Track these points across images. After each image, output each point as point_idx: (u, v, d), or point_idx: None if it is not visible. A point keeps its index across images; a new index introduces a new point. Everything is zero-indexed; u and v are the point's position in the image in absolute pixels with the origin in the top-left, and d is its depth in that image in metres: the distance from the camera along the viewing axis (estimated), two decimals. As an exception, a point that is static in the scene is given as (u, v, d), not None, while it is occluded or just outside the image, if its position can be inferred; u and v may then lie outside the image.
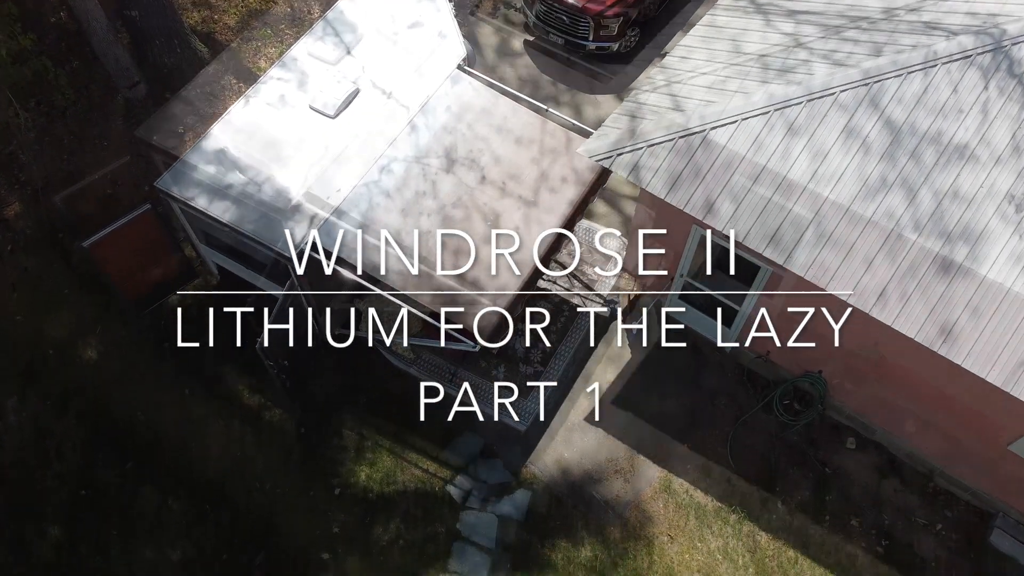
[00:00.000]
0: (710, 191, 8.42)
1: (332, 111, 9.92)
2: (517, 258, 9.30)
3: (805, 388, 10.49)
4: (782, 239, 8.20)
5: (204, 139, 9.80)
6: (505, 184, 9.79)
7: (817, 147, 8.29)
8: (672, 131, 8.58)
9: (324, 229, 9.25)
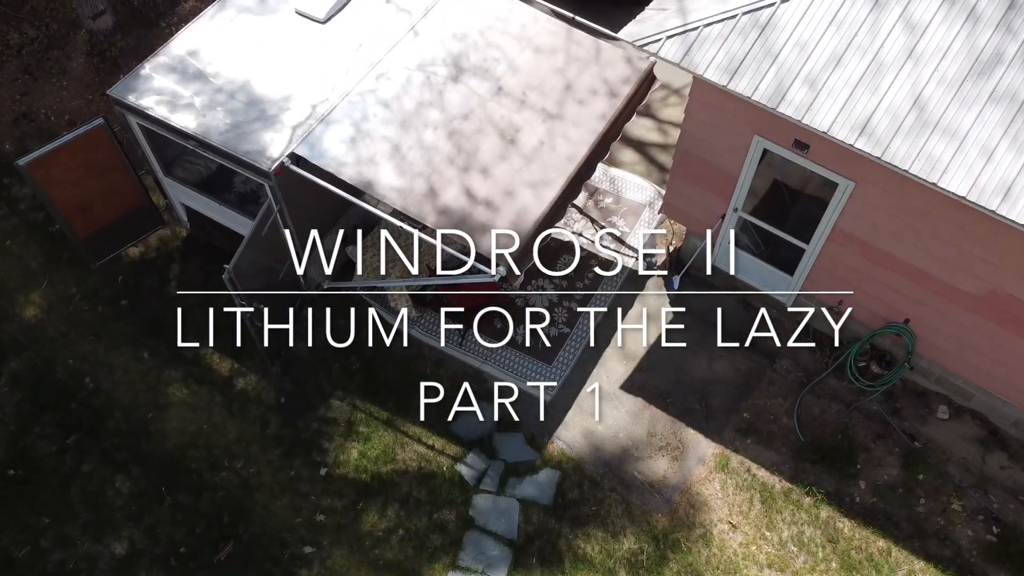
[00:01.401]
0: (782, 77, 6.82)
1: (322, 15, 8.40)
2: (540, 177, 7.67)
3: (884, 348, 8.74)
4: (876, 129, 6.56)
5: (168, 45, 8.27)
6: (525, 95, 8.20)
7: (913, 20, 6.70)
8: (733, 7, 7.02)
9: (308, 141, 7.64)
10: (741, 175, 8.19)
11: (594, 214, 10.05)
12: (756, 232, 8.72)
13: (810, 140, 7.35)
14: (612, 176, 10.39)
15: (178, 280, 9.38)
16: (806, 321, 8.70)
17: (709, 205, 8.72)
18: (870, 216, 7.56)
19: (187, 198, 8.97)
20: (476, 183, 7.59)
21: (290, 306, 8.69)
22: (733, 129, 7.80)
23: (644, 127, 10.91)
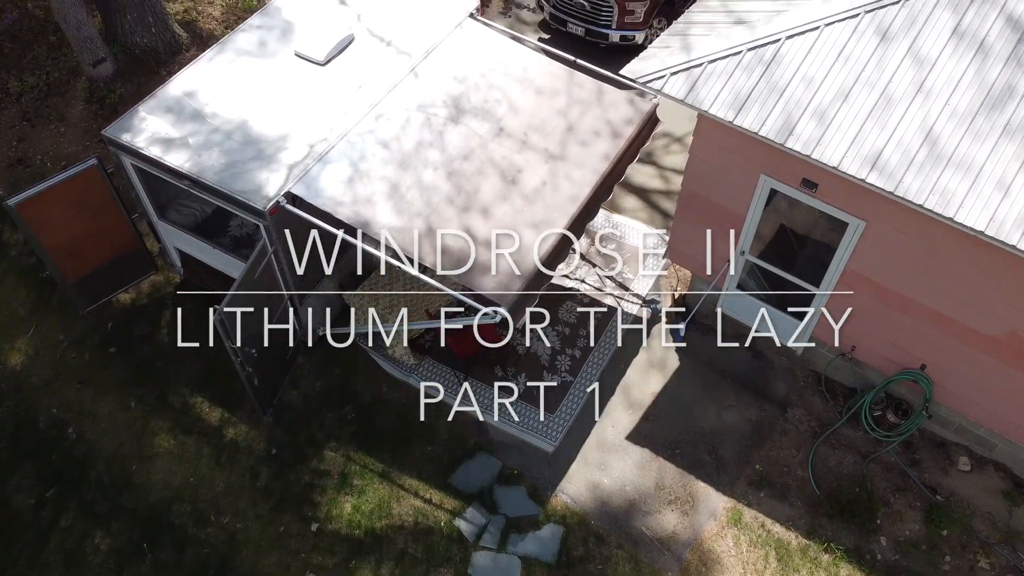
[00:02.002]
0: (789, 111, 6.67)
1: (322, 57, 8.33)
2: (542, 217, 7.47)
3: (900, 395, 8.40)
4: (887, 163, 6.38)
5: (165, 86, 8.17)
6: (526, 136, 8.07)
7: (921, 54, 6.59)
8: (737, 43, 6.92)
9: (304, 180, 7.46)
10: (748, 216, 7.99)
11: (597, 260, 9.83)
12: (764, 276, 8.48)
13: (819, 178, 7.17)
14: (615, 222, 10.20)
15: (170, 327, 9.09)
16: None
17: (715, 248, 8.49)
18: (883, 256, 7.33)
19: (181, 242, 8.76)
20: (476, 223, 7.38)
21: (283, 352, 8.38)
22: (739, 169, 7.63)
23: (646, 174, 10.78)
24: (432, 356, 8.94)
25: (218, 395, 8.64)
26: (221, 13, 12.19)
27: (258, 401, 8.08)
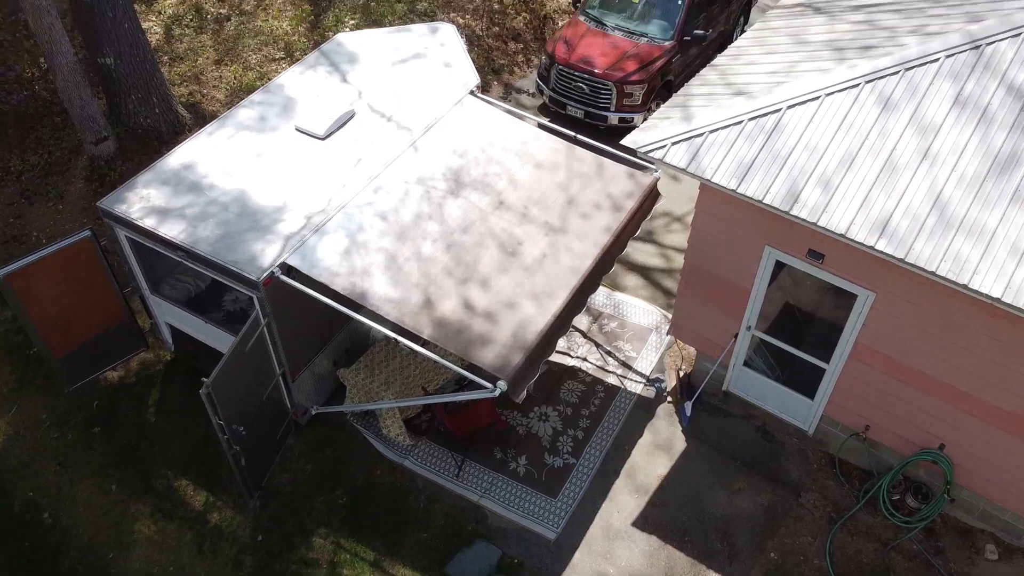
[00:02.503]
0: (793, 179, 6.57)
1: (322, 131, 8.32)
2: (543, 289, 7.28)
3: (919, 478, 8.00)
4: (896, 230, 6.22)
5: (164, 159, 8.13)
6: (527, 209, 7.96)
7: (924, 121, 6.54)
8: (738, 113, 6.89)
9: (300, 251, 7.30)
10: (753, 290, 7.80)
11: (599, 339, 9.59)
12: (772, 352, 8.22)
13: (825, 248, 7.01)
14: (616, 300, 10.01)
15: (157, 407, 8.77)
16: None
17: (720, 324, 8.27)
18: (894, 329, 7.09)
19: (173, 317, 8.54)
20: (475, 295, 7.18)
21: (273, 432, 8.04)
22: (743, 240, 7.48)
23: (647, 252, 10.66)
24: (429, 437, 8.58)
25: (204, 478, 8.25)
26: (225, 96, 12.35)
27: (245, 483, 7.68)
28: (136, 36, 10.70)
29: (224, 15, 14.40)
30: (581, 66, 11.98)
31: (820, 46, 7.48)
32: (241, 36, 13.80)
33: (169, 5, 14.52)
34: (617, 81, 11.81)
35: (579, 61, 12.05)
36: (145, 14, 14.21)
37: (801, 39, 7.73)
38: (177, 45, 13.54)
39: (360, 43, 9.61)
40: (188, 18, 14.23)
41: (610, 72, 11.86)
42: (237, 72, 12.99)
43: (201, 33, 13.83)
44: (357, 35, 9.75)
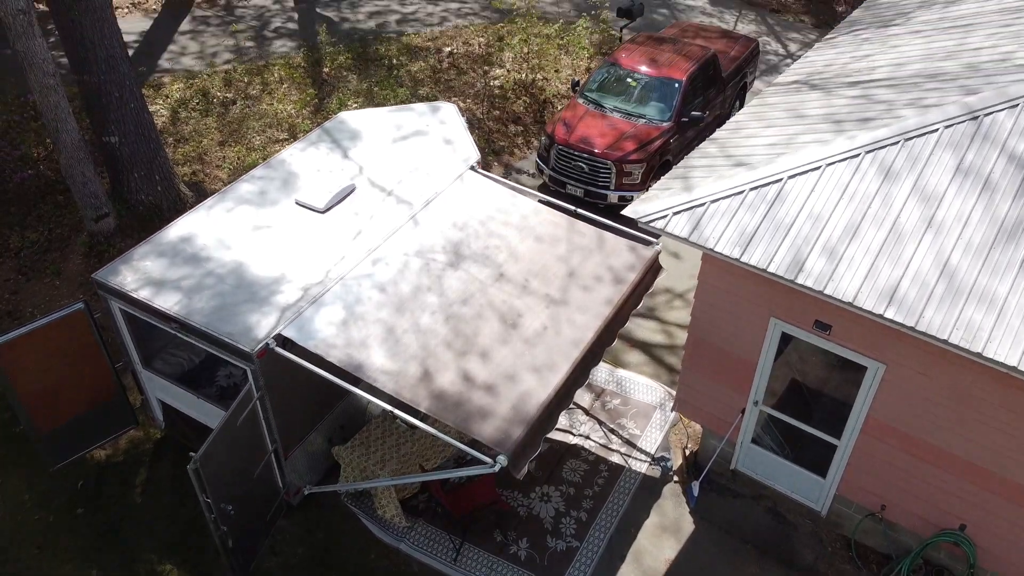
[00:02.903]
0: (798, 247, 6.48)
1: (322, 205, 8.31)
2: (544, 361, 7.11)
3: (940, 562, 7.63)
4: (905, 298, 6.10)
5: (162, 231, 8.08)
6: (527, 281, 7.86)
7: (927, 190, 6.51)
8: (739, 184, 6.86)
9: (297, 323, 7.16)
10: (759, 363, 7.62)
11: (601, 416, 9.34)
12: (781, 428, 7.97)
13: (832, 319, 6.87)
14: (619, 377, 9.80)
15: (143, 487, 8.46)
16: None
17: (726, 399, 8.05)
18: (906, 402, 6.88)
19: (164, 393, 8.33)
20: (475, 367, 7.00)
21: (263, 512, 7.71)
22: (748, 312, 7.35)
23: (649, 328, 10.52)
24: (426, 519, 8.24)
25: (189, 562, 7.87)
26: (228, 175, 12.45)
27: (232, 566, 7.31)
28: (141, 115, 10.85)
29: (230, 99, 14.69)
30: (580, 146, 12.11)
31: (818, 119, 7.54)
32: (246, 119, 14.04)
33: (176, 90, 14.84)
34: (616, 160, 11.91)
35: (579, 141, 12.19)
36: (152, 98, 14.50)
37: (799, 113, 7.80)
38: (183, 127, 13.75)
39: (362, 121, 9.72)
40: (195, 102, 14.51)
41: (609, 151, 11.98)
42: (241, 153, 13.14)
43: (207, 116, 14.08)
44: (360, 113, 9.87)
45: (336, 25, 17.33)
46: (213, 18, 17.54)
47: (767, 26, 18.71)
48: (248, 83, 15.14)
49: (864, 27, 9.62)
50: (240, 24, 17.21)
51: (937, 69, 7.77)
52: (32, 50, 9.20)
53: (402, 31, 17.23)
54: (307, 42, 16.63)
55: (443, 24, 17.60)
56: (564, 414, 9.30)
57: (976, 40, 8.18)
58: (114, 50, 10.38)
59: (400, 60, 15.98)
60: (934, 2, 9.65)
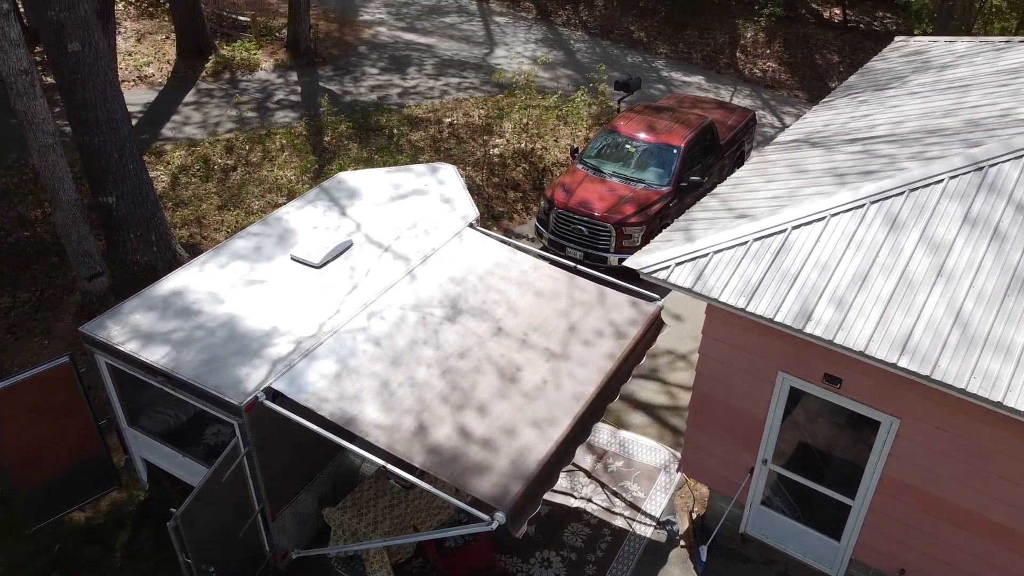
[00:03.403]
0: (805, 296, 6.32)
1: (318, 260, 8.18)
2: (544, 415, 6.85)
3: (964, 633, 7.20)
4: (919, 346, 5.90)
5: (153, 285, 7.92)
6: (526, 335, 7.67)
7: (935, 239, 6.40)
8: (743, 234, 6.75)
9: (288, 376, 6.93)
10: (768, 420, 7.36)
11: (604, 479, 8.99)
12: (791, 489, 7.65)
13: (842, 372, 6.66)
14: (622, 439, 9.50)
15: (124, 551, 8.06)
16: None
17: (734, 459, 7.75)
18: (923, 458, 6.60)
19: (150, 452, 8.02)
20: (472, 421, 6.74)
21: (247, 574, 7.32)
22: (754, 366, 7.14)
23: (652, 390, 10.27)
24: None
25: (168, 632, 7.43)
26: (226, 237, 12.37)
27: (213, 636, 6.88)
28: (140, 176, 10.84)
29: (231, 166, 14.78)
30: (580, 209, 12.09)
31: (820, 173, 7.49)
32: (246, 184, 14.07)
33: (177, 156, 14.93)
34: (616, 223, 11.87)
35: (578, 205, 12.18)
36: (153, 164, 14.58)
37: (800, 168, 7.76)
38: (182, 192, 13.77)
39: (361, 180, 9.69)
40: (195, 168, 14.58)
41: (609, 215, 11.95)
42: (239, 216, 13.11)
43: (207, 182, 14.12)
44: (359, 173, 9.86)
45: (338, 97, 17.61)
46: (217, 91, 17.83)
47: (762, 100, 19.05)
48: (249, 150, 15.26)
49: (860, 91, 9.71)
50: (244, 96, 17.47)
51: (937, 125, 7.78)
52: (33, 110, 9.23)
53: (403, 103, 17.49)
54: (309, 112, 16.85)
55: (443, 97, 17.88)
56: (565, 476, 8.98)
57: (974, 99, 8.22)
58: (115, 111, 10.45)
59: (401, 130, 16.16)
60: (928, 67, 9.77)
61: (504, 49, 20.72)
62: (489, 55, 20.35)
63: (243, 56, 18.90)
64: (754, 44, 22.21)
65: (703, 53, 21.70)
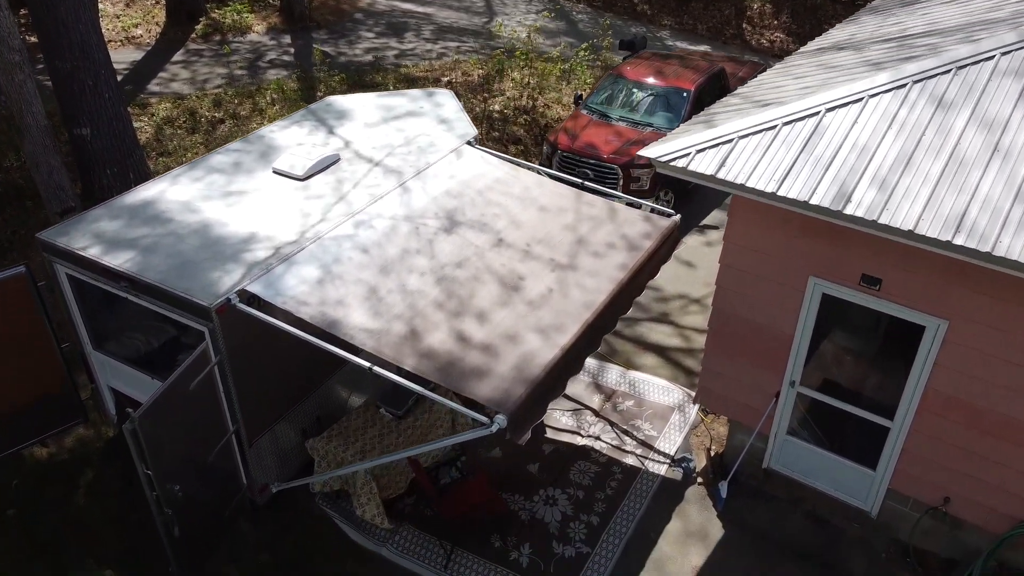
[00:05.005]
0: (843, 179, 5.63)
1: (302, 172, 7.50)
2: (551, 323, 6.16)
3: (1018, 564, 6.48)
4: (975, 225, 5.21)
5: (120, 197, 7.25)
6: (529, 247, 6.98)
7: (988, 117, 5.71)
8: (772, 118, 6.07)
9: (265, 279, 6.24)
10: (796, 335, 6.66)
11: (613, 418, 8.29)
12: (821, 417, 6.94)
13: (882, 270, 5.96)
14: (632, 379, 8.79)
15: (88, 489, 7.35)
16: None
17: (758, 383, 7.05)
18: (975, 367, 5.89)
19: (118, 379, 7.32)
20: (470, 328, 6.04)
21: (220, 506, 6.59)
22: (782, 273, 6.44)
23: (664, 332, 9.57)
24: (412, 524, 7.11)
25: (133, 571, 6.69)
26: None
27: (178, 563, 6.15)
28: (117, 109, 10.17)
29: (218, 118, 14.11)
30: (586, 152, 11.43)
31: (854, 64, 6.81)
32: (233, 137, 13.40)
33: (163, 109, 14.27)
34: (624, 165, 11.20)
35: (584, 147, 11.51)
36: (137, 115, 13.92)
37: (830, 65, 7.08)
38: (167, 143, 13.10)
39: (352, 103, 9.03)
40: (181, 120, 13.92)
41: (616, 157, 11.28)
42: (225, 163, 12.41)
43: (193, 134, 13.46)
44: (349, 96, 9.19)
45: (333, 58, 16.96)
46: (207, 51, 17.19)
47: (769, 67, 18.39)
48: (239, 104, 14.59)
49: (887, 6, 9.05)
50: (235, 56, 16.83)
51: (981, 19, 7.10)
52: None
53: (400, 64, 16.85)
54: (303, 69, 16.21)
55: (441, 59, 17.25)
56: (571, 415, 8.28)
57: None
58: (89, 36, 9.78)
59: (397, 87, 15.50)
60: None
61: (504, 19, 20.09)
62: (488, 24, 19.73)
63: (235, 19, 18.26)
64: (761, 15, 21.56)
65: (708, 24, 21.05)
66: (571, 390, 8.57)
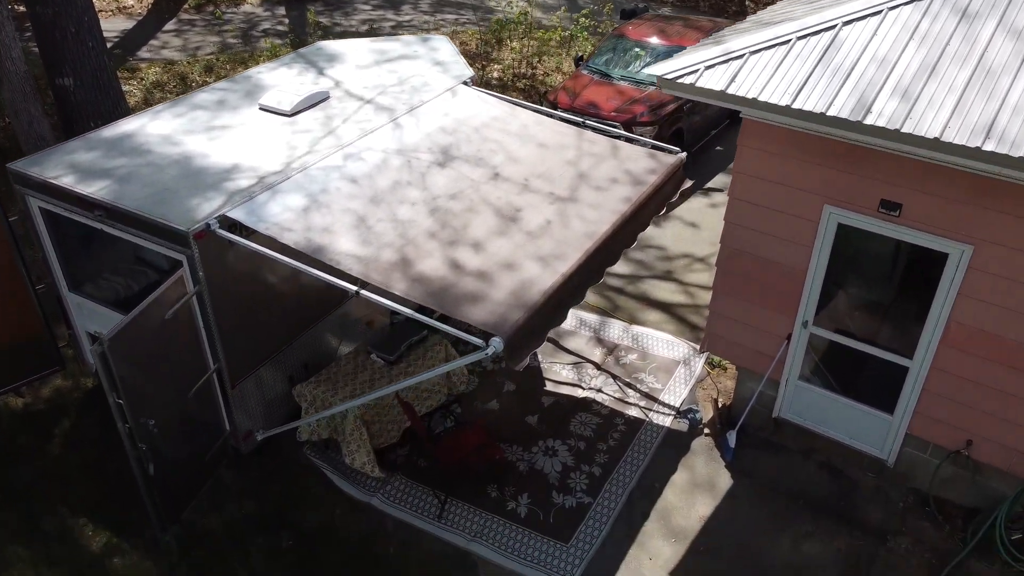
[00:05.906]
0: (861, 91, 5.27)
1: (289, 108, 7.15)
2: (550, 251, 5.80)
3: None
4: (1006, 132, 4.85)
5: (96, 131, 6.89)
6: (527, 181, 6.62)
7: (1016, 26, 5.35)
8: (784, 33, 5.71)
9: (247, 206, 5.89)
10: (810, 271, 6.30)
11: (616, 371, 7.93)
12: (834, 360, 6.58)
13: (903, 194, 5.61)
14: (635, 333, 8.44)
15: (64, 439, 7.00)
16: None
17: (768, 325, 6.69)
18: (1002, 295, 5.54)
19: (96, 323, 6.94)
20: (465, 256, 5.68)
21: (201, 450, 6.23)
22: (795, 204, 6.09)
23: (668, 289, 9.21)
24: (404, 474, 6.76)
25: (109, 518, 6.34)
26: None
27: (155, 507, 5.79)
28: (100, 59, 9.81)
29: (210, 83, 13.74)
30: (587, 109, 11.06)
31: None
32: (225, 99, 13.02)
33: (152, 74, 13.92)
34: (626, 122, 10.83)
35: (585, 105, 11.15)
36: (126, 79, 13.57)
37: None
38: (156, 106, 12.73)
39: (344, 46, 8.67)
40: (171, 84, 13.57)
41: (618, 114, 10.92)
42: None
43: (183, 98, 13.09)
44: (341, 40, 8.84)
45: (328, 29, 16.60)
46: (200, 21, 16.84)
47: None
48: (231, 70, 14.23)
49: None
50: (228, 26, 16.48)
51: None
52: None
53: (396, 35, 16.49)
54: (297, 36, 15.85)
55: (439, 30, 16.89)
56: (572, 368, 7.92)
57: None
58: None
59: (393, 52, 15.12)
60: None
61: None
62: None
63: (228, -11, 17.89)
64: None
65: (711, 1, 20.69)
66: (572, 344, 8.22)
